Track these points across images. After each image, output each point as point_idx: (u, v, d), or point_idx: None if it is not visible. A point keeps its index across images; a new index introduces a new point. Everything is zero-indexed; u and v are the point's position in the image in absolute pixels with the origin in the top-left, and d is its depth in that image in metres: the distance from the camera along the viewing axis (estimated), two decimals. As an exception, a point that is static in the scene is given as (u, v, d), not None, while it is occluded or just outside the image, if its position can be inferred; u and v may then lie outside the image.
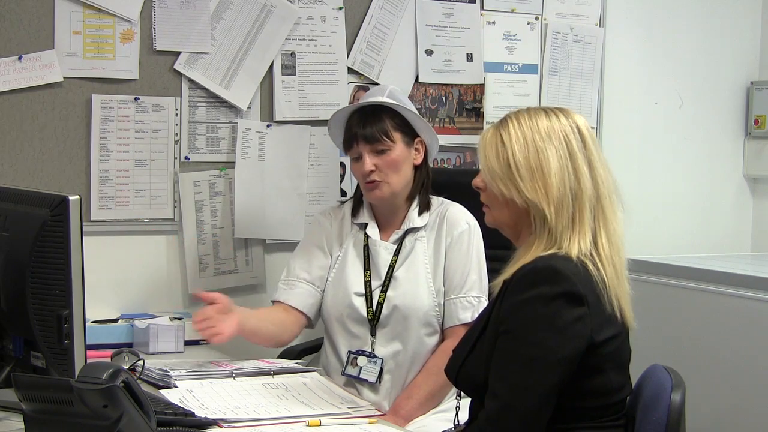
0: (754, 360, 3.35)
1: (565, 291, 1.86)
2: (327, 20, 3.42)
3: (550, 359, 1.85)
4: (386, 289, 2.73)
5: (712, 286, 3.50)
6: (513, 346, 1.88)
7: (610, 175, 2.00)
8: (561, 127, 1.98)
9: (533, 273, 1.90)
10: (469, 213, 2.79)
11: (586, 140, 1.99)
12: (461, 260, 2.74)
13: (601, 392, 1.93)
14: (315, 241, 2.85)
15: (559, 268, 1.88)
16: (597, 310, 1.89)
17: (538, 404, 1.86)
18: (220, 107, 3.30)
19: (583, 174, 1.96)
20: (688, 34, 4.12)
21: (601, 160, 1.99)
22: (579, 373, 1.88)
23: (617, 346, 1.94)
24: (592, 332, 1.87)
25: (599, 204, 1.96)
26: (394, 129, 2.73)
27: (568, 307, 1.86)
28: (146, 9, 3.16)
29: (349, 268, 2.78)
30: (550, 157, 1.95)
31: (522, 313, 1.89)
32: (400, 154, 2.73)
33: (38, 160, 3.07)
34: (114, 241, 3.18)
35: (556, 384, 1.86)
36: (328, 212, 2.91)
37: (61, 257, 1.96)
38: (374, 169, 2.70)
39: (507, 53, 3.77)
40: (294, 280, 2.81)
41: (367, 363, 2.70)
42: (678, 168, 4.13)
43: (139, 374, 2.35)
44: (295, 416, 2.17)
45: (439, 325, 2.74)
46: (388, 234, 2.81)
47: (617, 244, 1.97)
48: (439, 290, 2.74)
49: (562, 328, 1.85)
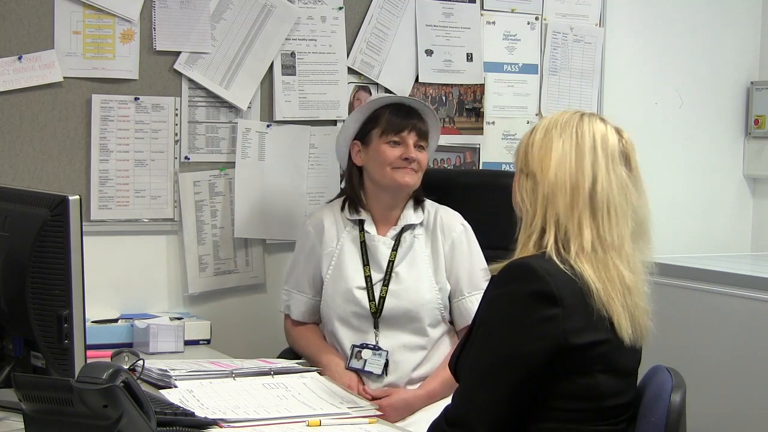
0: (754, 360, 3.35)
1: (537, 290, 1.86)
2: (327, 20, 3.42)
3: (513, 356, 1.87)
4: (387, 283, 2.80)
5: (712, 286, 3.50)
6: (481, 339, 1.92)
7: (622, 191, 1.95)
8: (580, 124, 1.98)
9: (509, 270, 1.92)
10: (460, 216, 2.91)
11: (596, 144, 1.96)
12: (465, 260, 2.85)
13: (590, 395, 1.91)
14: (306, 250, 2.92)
15: (534, 267, 1.88)
16: (576, 312, 1.87)
17: (497, 399, 1.87)
18: (220, 107, 3.30)
19: (584, 170, 1.93)
20: (688, 34, 4.12)
21: (609, 169, 1.94)
22: (561, 374, 1.88)
23: (605, 352, 1.91)
24: (565, 333, 1.86)
25: (592, 205, 1.93)
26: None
27: (538, 306, 1.86)
28: (146, 9, 3.16)
29: (348, 264, 2.83)
30: (555, 141, 1.96)
31: (492, 308, 1.92)
32: (428, 156, 2.91)
33: (38, 160, 3.07)
34: (114, 241, 3.18)
35: (517, 381, 1.87)
36: (317, 215, 2.95)
37: (61, 257, 1.96)
38: (416, 158, 2.83)
39: (507, 53, 3.77)
40: (295, 292, 2.92)
41: (372, 356, 2.75)
42: (678, 168, 4.13)
43: (139, 374, 2.34)
44: (295, 416, 2.17)
45: (442, 317, 2.82)
46: (384, 230, 2.87)
47: (608, 257, 1.92)
48: (442, 288, 2.82)
49: (527, 326, 1.86)
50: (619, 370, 1.96)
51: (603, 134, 1.97)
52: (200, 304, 3.30)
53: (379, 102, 2.91)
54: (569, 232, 1.92)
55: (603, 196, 1.93)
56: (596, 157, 1.95)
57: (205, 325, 3.09)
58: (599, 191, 1.93)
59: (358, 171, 2.90)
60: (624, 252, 1.94)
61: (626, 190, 1.96)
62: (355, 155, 2.89)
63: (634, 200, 1.97)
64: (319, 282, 2.88)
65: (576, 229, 1.92)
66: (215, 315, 3.24)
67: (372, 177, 2.86)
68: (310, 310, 2.91)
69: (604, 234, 1.92)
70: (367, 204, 2.88)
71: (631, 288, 1.94)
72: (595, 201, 1.93)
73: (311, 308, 2.91)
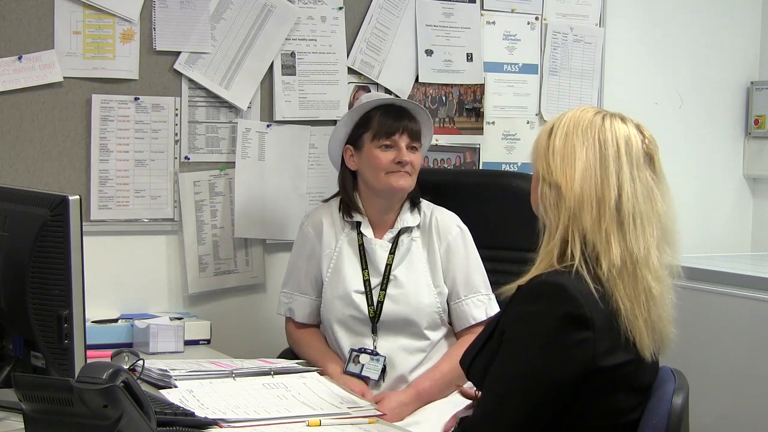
0: (754, 360, 3.35)
1: (569, 312, 1.83)
2: (327, 20, 3.42)
3: (539, 379, 1.84)
4: (386, 288, 2.78)
5: (712, 286, 3.50)
6: (508, 357, 1.89)
7: (648, 198, 1.92)
8: (602, 129, 1.94)
9: (541, 287, 1.87)
10: (457, 217, 2.89)
11: (620, 151, 1.92)
12: (462, 263, 2.82)
13: (610, 414, 1.90)
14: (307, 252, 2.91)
15: (567, 287, 1.84)
16: (606, 335, 1.85)
17: (521, 419, 1.85)
18: (220, 107, 3.30)
19: (609, 181, 1.89)
20: (688, 34, 4.12)
21: (635, 177, 1.91)
22: (585, 394, 1.86)
23: (631, 371, 1.89)
24: (595, 357, 1.83)
25: (619, 218, 1.89)
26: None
27: (570, 329, 1.83)
28: (146, 9, 3.16)
29: (346, 267, 2.82)
30: (578, 149, 1.91)
31: (523, 326, 1.88)
32: (421, 157, 2.88)
33: (38, 160, 3.07)
34: (114, 241, 3.18)
35: (543, 403, 1.85)
36: (314, 215, 2.95)
37: (61, 257, 1.96)
38: (409, 161, 2.81)
39: (507, 53, 3.77)
40: (297, 294, 2.91)
41: (369, 360, 2.74)
42: (678, 168, 4.12)
43: (139, 374, 2.34)
44: (295, 416, 2.17)
45: (441, 320, 2.80)
46: (381, 233, 2.85)
47: (637, 270, 1.88)
48: (440, 291, 2.80)
49: (558, 349, 1.83)
50: (638, 387, 1.94)
51: (626, 138, 1.93)
52: (200, 304, 3.30)
53: (368, 105, 2.87)
54: (597, 248, 1.88)
55: (629, 207, 1.89)
56: (621, 165, 1.91)
57: (205, 325, 3.09)
58: (625, 201, 1.89)
59: (352, 175, 2.88)
60: (651, 262, 1.90)
61: (651, 196, 1.93)
62: (348, 160, 2.86)
63: (659, 207, 1.94)
64: (321, 283, 2.87)
65: (605, 245, 1.87)
66: (215, 315, 3.24)
67: (366, 182, 2.84)
68: (315, 311, 2.90)
69: (632, 246, 1.88)
70: (363, 207, 2.86)
71: (656, 298, 1.91)
72: (622, 212, 1.89)
73: (315, 309, 2.89)
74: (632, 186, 1.91)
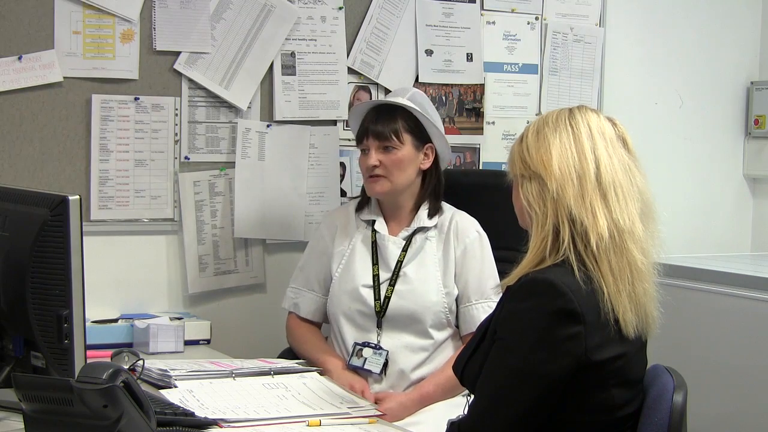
0: (754, 360, 3.35)
1: (560, 308, 1.84)
2: (327, 20, 3.42)
3: (534, 374, 1.85)
4: (394, 283, 2.79)
5: (712, 286, 3.50)
6: (502, 354, 1.89)
7: (626, 172, 1.95)
8: (572, 116, 1.98)
9: (530, 284, 1.89)
10: (476, 222, 2.88)
11: (593, 131, 1.96)
12: (477, 267, 2.82)
13: (604, 408, 1.91)
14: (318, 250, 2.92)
15: (556, 282, 1.86)
16: (597, 328, 1.86)
17: (516, 416, 1.86)
18: (220, 107, 3.30)
19: (586, 155, 1.93)
20: (688, 34, 4.12)
21: (610, 152, 1.95)
22: (579, 389, 1.87)
23: (623, 365, 1.91)
24: (587, 351, 1.85)
25: (600, 189, 1.91)
26: (406, 131, 2.80)
27: (562, 324, 1.84)
28: (146, 9, 3.16)
29: (357, 262, 2.84)
30: (550, 137, 1.95)
31: (514, 324, 1.89)
32: (407, 155, 2.80)
33: (38, 160, 3.07)
34: (114, 241, 3.18)
35: (537, 399, 1.86)
36: (331, 215, 2.97)
37: (61, 257, 1.96)
38: (378, 164, 2.77)
39: (507, 53, 3.77)
40: (304, 291, 2.92)
41: (372, 354, 2.75)
42: (678, 168, 4.13)
43: (139, 374, 2.35)
44: (295, 416, 2.17)
45: (447, 320, 2.80)
46: (396, 231, 2.86)
47: (623, 241, 1.91)
48: (449, 292, 2.80)
49: (550, 345, 1.84)
50: (630, 380, 1.96)
51: (597, 123, 1.98)
52: (200, 304, 3.30)
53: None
54: (585, 223, 1.89)
55: (609, 178, 1.92)
56: (595, 142, 1.94)
57: (205, 325, 3.09)
58: (604, 173, 1.92)
59: None
60: (636, 234, 1.93)
61: (629, 170, 1.96)
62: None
63: (638, 181, 1.97)
64: (329, 281, 2.88)
65: (591, 219, 1.89)
66: (215, 315, 3.25)
67: None
68: (320, 309, 2.91)
69: (617, 217, 1.91)
70: (380, 204, 2.88)
71: (642, 272, 1.93)
72: (603, 184, 1.91)
73: (320, 307, 2.91)
74: (609, 159, 1.94)
